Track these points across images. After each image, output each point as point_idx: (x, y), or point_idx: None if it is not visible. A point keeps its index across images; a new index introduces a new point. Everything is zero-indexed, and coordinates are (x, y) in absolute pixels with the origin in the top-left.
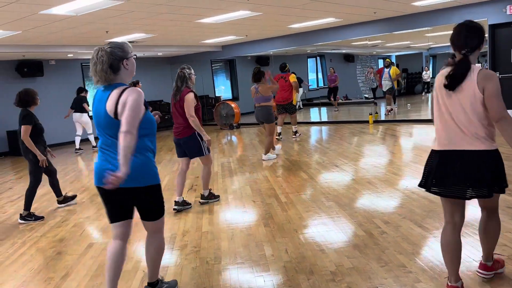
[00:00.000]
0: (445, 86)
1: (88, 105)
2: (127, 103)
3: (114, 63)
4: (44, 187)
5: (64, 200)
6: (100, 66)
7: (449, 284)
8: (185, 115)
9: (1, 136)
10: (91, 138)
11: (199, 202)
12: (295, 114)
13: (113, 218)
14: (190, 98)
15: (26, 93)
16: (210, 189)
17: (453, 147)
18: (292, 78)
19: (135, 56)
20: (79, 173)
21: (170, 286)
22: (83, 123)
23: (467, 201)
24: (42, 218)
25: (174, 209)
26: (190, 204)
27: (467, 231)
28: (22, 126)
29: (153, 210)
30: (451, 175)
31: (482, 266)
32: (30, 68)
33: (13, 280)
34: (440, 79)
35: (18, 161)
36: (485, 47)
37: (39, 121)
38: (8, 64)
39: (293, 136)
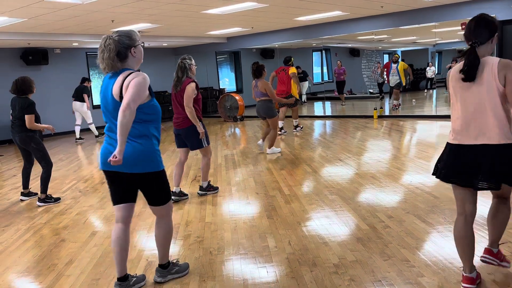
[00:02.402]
0: (463, 80)
1: (88, 96)
2: (131, 83)
3: (121, 51)
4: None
5: (29, 194)
6: (107, 53)
7: (464, 274)
8: None
9: (5, 124)
10: (93, 127)
11: (198, 193)
12: (296, 108)
13: (116, 201)
14: (190, 89)
15: (23, 82)
16: (209, 181)
17: (470, 142)
18: (291, 70)
19: (142, 44)
20: (82, 162)
21: (181, 269)
22: (83, 113)
23: (478, 194)
24: (59, 199)
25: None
26: (186, 195)
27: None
28: (27, 116)
29: (157, 196)
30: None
31: (487, 250)
32: (35, 56)
33: (17, 266)
34: (454, 73)
35: None
36: None
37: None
38: (13, 52)
39: (294, 130)
